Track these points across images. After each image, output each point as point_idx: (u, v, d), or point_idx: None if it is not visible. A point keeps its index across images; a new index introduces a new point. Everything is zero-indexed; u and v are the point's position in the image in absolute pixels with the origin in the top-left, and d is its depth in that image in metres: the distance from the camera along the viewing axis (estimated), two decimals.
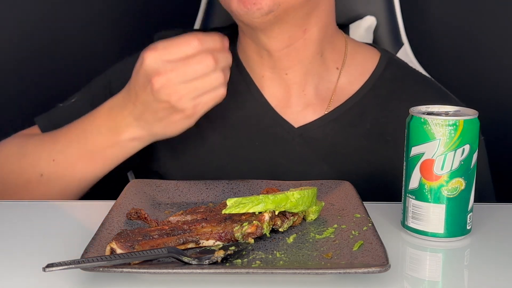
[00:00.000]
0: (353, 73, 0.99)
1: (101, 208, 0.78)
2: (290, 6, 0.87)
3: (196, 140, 0.97)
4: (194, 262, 0.61)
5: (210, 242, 0.66)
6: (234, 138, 0.97)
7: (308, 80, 0.97)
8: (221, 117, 0.97)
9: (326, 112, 0.96)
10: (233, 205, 0.68)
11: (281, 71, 0.96)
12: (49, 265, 0.57)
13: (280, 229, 0.70)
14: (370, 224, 0.69)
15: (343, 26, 1.20)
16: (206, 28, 1.23)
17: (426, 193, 0.71)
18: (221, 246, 0.65)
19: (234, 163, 0.95)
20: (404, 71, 1.02)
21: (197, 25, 1.25)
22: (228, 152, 0.96)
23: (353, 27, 1.19)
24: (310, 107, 0.97)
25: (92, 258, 0.58)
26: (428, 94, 1.00)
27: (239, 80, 0.99)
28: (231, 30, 1.03)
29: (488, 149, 1.02)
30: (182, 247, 0.65)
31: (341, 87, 0.98)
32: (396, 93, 0.98)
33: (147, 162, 1.01)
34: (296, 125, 0.96)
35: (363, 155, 0.95)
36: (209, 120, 0.96)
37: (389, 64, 1.01)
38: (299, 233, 0.71)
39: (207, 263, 0.61)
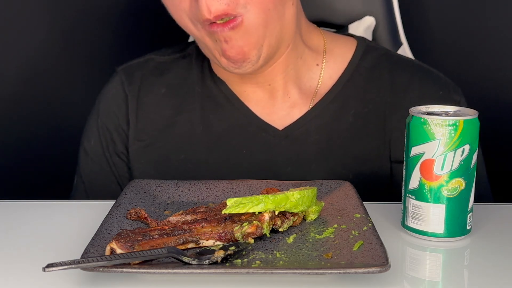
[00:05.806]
0: (333, 66, 0.99)
1: (101, 208, 0.78)
2: (273, 43, 0.88)
3: (181, 157, 0.96)
4: (194, 262, 0.61)
5: (210, 242, 0.66)
6: (220, 150, 0.96)
7: (290, 84, 0.97)
8: (204, 132, 0.96)
9: (308, 109, 0.96)
10: (233, 205, 0.68)
11: (264, 84, 0.96)
12: (49, 265, 0.57)
13: (280, 229, 0.70)
14: (370, 224, 0.69)
15: (342, 27, 1.20)
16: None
17: (426, 193, 0.71)
18: (221, 246, 0.65)
19: (223, 175, 0.93)
20: (380, 58, 1.00)
21: None
22: (215, 165, 0.95)
23: (352, 28, 1.19)
24: (296, 107, 0.97)
25: (92, 258, 0.58)
26: (406, 78, 0.98)
27: (218, 94, 0.98)
28: None
29: (488, 149, 1.02)
30: (182, 247, 0.65)
31: (323, 82, 0.98)
32: (374, 82, 0.98)
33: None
34: (281, 127, 0.95)
35: (348, 150, 0.95)
36: (193, 135, 0.96)
37: (366, 53, 1.00)
38: (299, 233, 0.70)
39: (207, 263, 0.61)
